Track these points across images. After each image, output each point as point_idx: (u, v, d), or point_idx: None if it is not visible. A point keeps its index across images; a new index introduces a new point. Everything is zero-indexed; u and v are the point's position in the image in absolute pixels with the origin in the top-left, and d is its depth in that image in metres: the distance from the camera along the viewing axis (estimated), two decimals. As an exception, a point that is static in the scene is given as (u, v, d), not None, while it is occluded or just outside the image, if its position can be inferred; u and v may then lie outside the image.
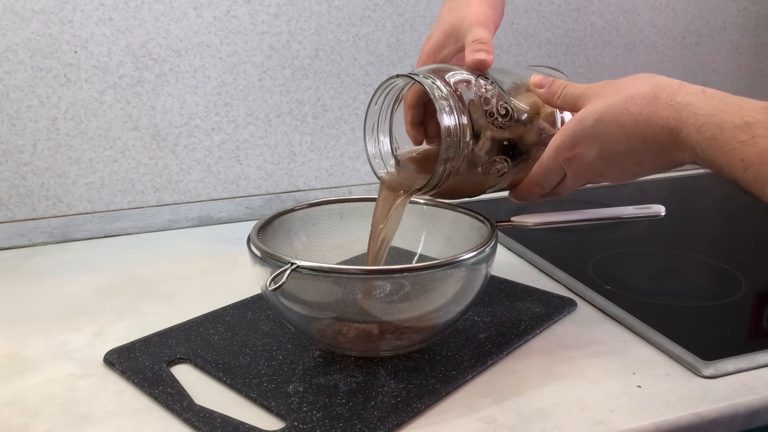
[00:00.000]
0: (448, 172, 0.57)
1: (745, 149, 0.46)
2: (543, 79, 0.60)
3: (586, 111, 0.55)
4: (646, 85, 0.52)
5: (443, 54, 0.64)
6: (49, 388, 0.57)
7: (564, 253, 0.83)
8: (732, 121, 0.47)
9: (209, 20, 0.89)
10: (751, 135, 0.45)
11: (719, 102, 0.48)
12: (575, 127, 0.55)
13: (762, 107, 0.47)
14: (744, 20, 1.21)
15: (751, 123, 0.46)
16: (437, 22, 0.66)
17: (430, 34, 0.66)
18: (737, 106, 0.47)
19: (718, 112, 0.48)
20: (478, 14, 0.62)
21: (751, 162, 0.45)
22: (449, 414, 0.53)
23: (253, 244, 0.57)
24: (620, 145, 0.53)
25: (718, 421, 0.53)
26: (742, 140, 0.46)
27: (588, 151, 0.55)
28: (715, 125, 0.47)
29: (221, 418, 0.51)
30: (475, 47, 0.60)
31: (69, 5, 0.83)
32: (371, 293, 0.54)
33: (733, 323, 0.68)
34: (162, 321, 0.66)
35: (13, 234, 0.87)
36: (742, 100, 0.48)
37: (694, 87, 0.51)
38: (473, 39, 0.60)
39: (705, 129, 0.48)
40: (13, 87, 0.83)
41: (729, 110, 0.47)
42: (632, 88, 0.53)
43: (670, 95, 0.50)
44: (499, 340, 0.62)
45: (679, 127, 0.49)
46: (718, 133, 0.47)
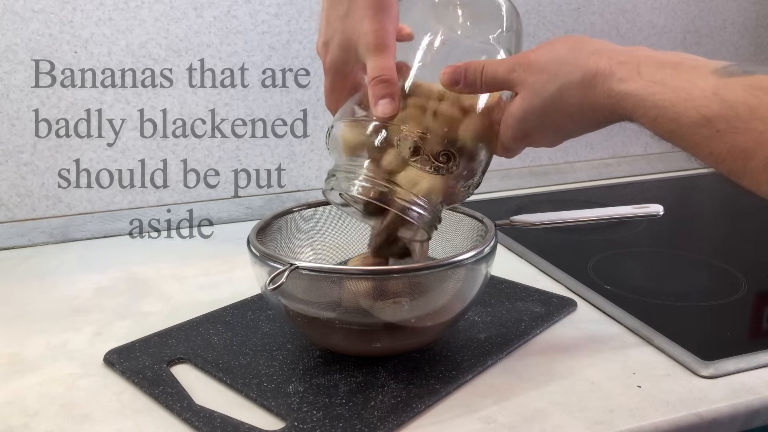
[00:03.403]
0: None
1: (711, 144, 0.43)
2: (452, 73, 0.54)
3: (523, 109, 0.52)
4: (574, 69, 0.48)
5: (348, 69, 0.58)
6: (49, 388, 0.57)
7: (564, 253, 0.83)
8: (688, 116, 0.44)
9: (209, 20, 0.89)
10: (714, 130, 0.43)
11: (663, 89, 0.45)
12: (521, 125, 0.52)
13: (711, 91, 0.43)
14: (744, 20, 1.21)
15: (709, 117, 0.43)
16: (327, 24, 0.58)
17: (325, 40, 0.58)
18: (686, 93, 0.44)
19: (668, 105, 0.44)
20: (374, 33, 0.54)
21: (723, 158, 0.43)
22: (449, 414, 0.53)
23: (252, 245, 0.57)
24: (572, 126, 0.51)
25: (718, 421, 0.53)
26: (706, 136, 0.43)
27: (543, 137, 0.54)
28: (671, 120, 0.44)
29: (221, 418, 0.51)
30: (378, 92, 0.53)
31: (69, 5, 0.83)
32: (371, 293, 0.54)
33: (733, 323, 0.68)
34: (162, 321, 0.66)
35: (13, 234, 0.87)
36: (685, 77, 0.45)
37: (626, 66, 0.46)
38: (373, 75, 0.54)
39: (660, 123, 0.45)
40: (13, 87, 0.83)
41: (679, 101, 0.44)
42: (561, 75, 0.49)
43: (605, 82, 0.47)
44: (499, 340, 0.62)
45: (628, 115, 0.47)
46: (677, 128, 0.44)
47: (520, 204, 1.02)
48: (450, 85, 0.54)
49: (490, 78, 0.53)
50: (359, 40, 0.55)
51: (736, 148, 0.42)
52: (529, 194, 1.07)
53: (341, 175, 0.55)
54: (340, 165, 0.56)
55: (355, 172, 0.54)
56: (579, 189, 1.10)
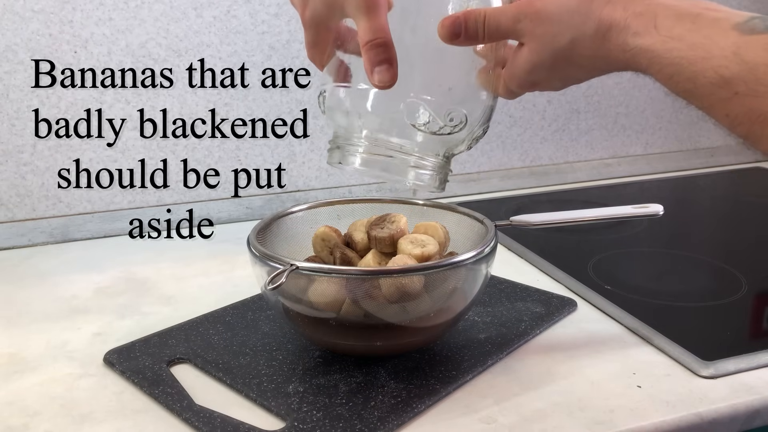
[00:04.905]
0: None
1: (728, 106, 0.42)
2: (452, 25, 0.50)
3: (531, 62, 0.49)
4: (587, 20, 0.46)
5: (331, 23, 0.54)
6: (49, 388, 0.57)
7: (564, 253, 0.83)
8: (705, 76, 0.42)
9: (209, 20, 0.89)
10: (732, 92, 0.41)
11: (681, 45, 0.43)
12: (529, 77, 0.50)
13: (731, 51, 0.41)
14: (744, 20, 1.20)
15: (728, 78, 0.41)
16: None
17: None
18: (704, 51, 0.42)
19: (685, 63, 0.42)
20: None
21: (739, 120, 0.42)
22: (449, 414, 0.53)
23: (252, 245, 0.57)
24: (582, 75, 0.50)
25: (718, 421, 0.53)
26: (723, 97, 0.41)
27: (549, 85, 0.52)
28: (687, 79, 0.43)
29: (221, 418, 0.51)
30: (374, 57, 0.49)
31: (69, 5, 0.83)
32: (371, 294, 0.54)
33: (733, 323, 0.68)
34: (162, 321, 0.66)
35: (13, 234, 0.87)
36: (704, 32, 0.42)
37: (642, 18, 0.44)
38: (366, 39, 0.49)
39: (676, 81, 0.43)
40: (13, 87, 0.83)
41: (696, 59, 0.42)
42: (573, 26, 0.46)
43: (620, 35, 0.45)
44: (499, 340, 0.62)
45: (643, 70, 0.45)
46: (693, 88, 0.43)
47: (520, 204, 1.02)
48: (450, 38, 0.50)
49: (494, 29, 0.49)
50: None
51: (754, 111, 0.41)
52: (529, 194, 1.07)
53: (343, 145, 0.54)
54: (340, 135, 0.55)
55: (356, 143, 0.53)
56: (579, 189, 1.10)
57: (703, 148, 1.22)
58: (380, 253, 0.60)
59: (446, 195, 1.01)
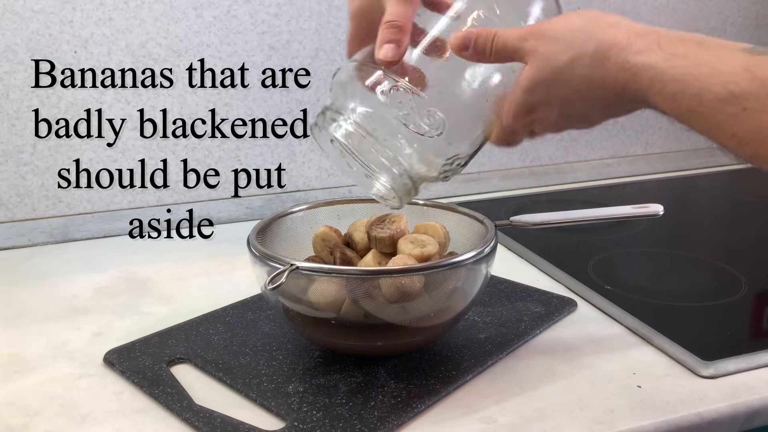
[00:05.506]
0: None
1: (735, 124, 0.40)
2: (463, 38, 0.51)
3: (531, 78, 0.49)
4: (588, 40, 0.46)
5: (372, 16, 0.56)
6: (49, 388, 0.57)
7: (564, 253, 0.83)
8: (712, 91, 0.41)
9: (209, 20, 0.89)
10: (740, 108, 0.40)
11: (686, 63, 0.42)
12: (527, 97, 0.50)
13: (742, 67, 0.41)
14: (744, 20, 1.20)
15: (737, 94, 0.40)
16: None
17: None
18: (711, 68, 0.41)
19: (690, 79, 0.42)
20: None
21: (747, 140, 0.40)
22: (449, 414, 0.53)
23: (252, 245, 0.57)
24: (580, 105, 0.49)
25: (718, 421, 0.53)
26: (731, 114, 0.40)
27: (548, 114, 0.51)
28: (692, 95, 0.41)
29: (221, 418, 0.51)
30: (386, 35, 0.51)
31: (69, 5, 0.83)
32: (371, 294, 0.54)
33: (733, 323, 0.68)
34: (162, 321, 0.66)
35: (13, 234, 0.87)
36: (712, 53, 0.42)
37: (645, 39, 0.44)
38: (386, 19, 0.52)
39: (680, 100, 0.42)
40: (13, 87, 0.83)
41: (702, 76, 0.41)
42: (575, 45, 0.47)
43: (620, 53, 0.45)
44: (499, 340, 0.62)
45: (642, 91, 0.44)
46: (697, 106, 0.41)
47: (520, 204, 1.02)
48: (459, 50, 0.51)
49: (501, 46, 0.51)
50: None
51: (764, 129, 0.40)
52: (529, 194, 1.07)
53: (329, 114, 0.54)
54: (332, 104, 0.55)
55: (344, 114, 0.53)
56: (579, 189, 1.10)
57: (703, 148, 1.22)
58: (380, 253, 0.60)
59: (446, 195, 1.01)
